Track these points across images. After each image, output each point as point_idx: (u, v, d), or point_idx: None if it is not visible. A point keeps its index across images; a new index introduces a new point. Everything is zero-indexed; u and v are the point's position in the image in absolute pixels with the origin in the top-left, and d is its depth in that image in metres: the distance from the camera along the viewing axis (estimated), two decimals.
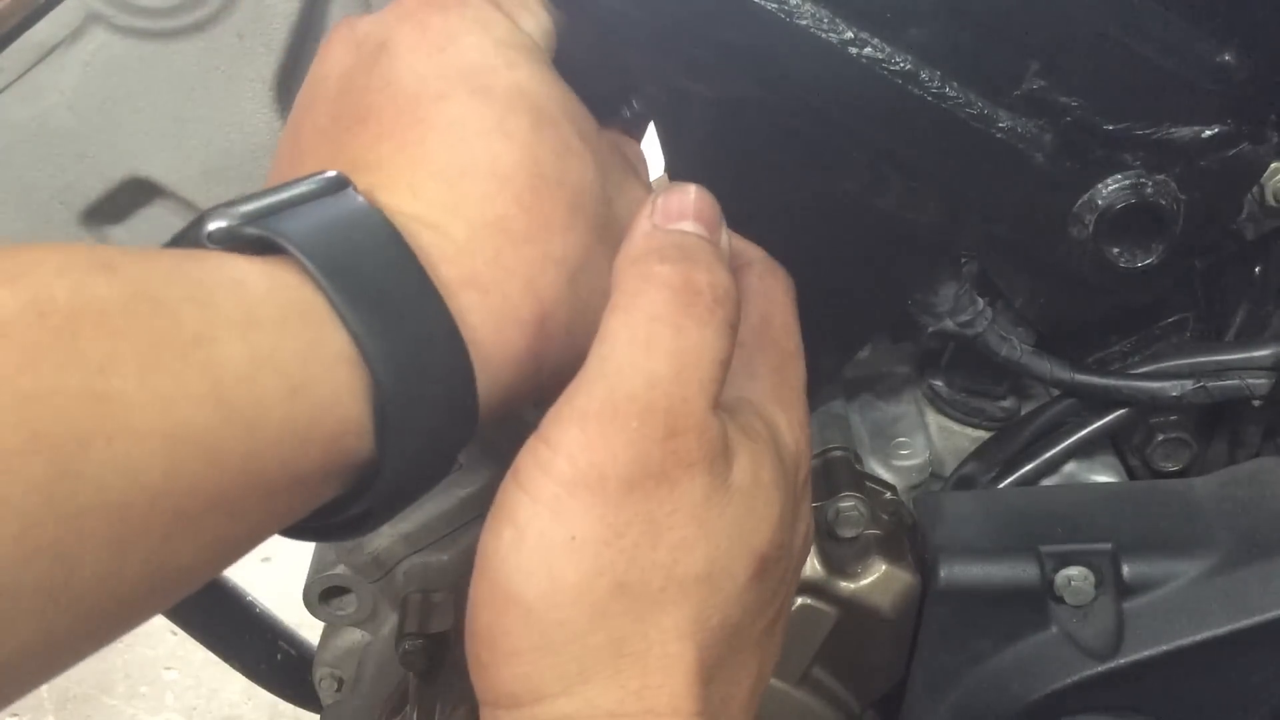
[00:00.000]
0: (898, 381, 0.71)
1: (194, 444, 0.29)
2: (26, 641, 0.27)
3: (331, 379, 0.33)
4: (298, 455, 0.32)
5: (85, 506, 0.27)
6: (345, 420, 0.33)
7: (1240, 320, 0.65)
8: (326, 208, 0.35)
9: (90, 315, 0.28)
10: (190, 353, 0.30)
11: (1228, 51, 0.53)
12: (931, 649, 0.59)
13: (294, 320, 0.32)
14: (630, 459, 0.35)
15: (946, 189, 0.55)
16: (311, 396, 0.32)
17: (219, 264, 0.33)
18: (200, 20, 0.53)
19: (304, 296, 0.33)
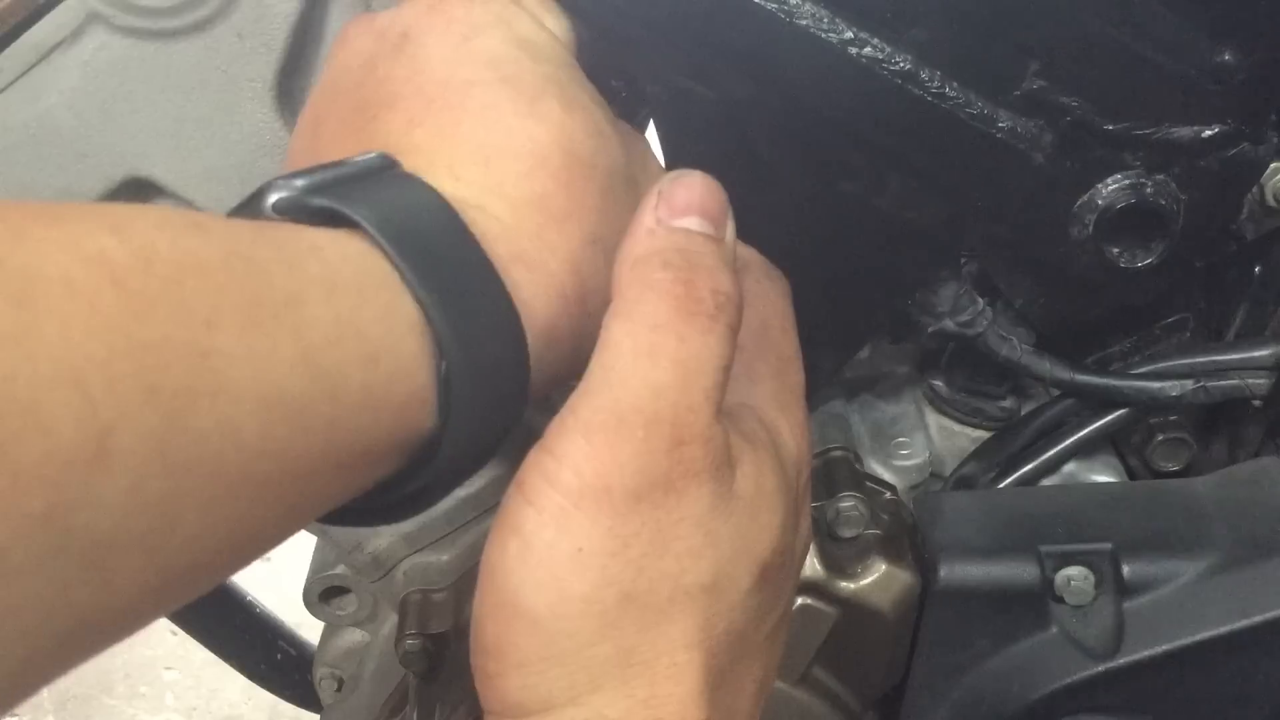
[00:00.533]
0: (898, 381, 0.71)
1: (284, 407, 0.29)
2: (122, 595, 0.27)
3: (403, 347, 0.33)
4: (372, 424, 0.32)
5: (189, 463, 0.27)
6: (414, 390, 0.33)
7: (1240, 320, 0.65)
8: (383, 183, 0.36)
9: (193, 269, 0.28)
10: (283, 313, 0.30)
11: (1228, 51, 0.53)
12: (931, 649, 0.59)
13: (370, 287, 0.32)
14: (636, 470, 0.35)
15: (946, 189, 0.55)
16: (387, 364, 0.32)
17: (295, 230, 0.33)
18: (200, 20, 0.53)
19: (374, 265, 0.33)
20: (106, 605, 0.27)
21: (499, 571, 0.36)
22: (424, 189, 0.36)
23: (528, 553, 0.35)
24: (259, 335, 0.29)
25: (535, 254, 0.38)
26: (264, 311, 0.29)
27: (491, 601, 0.36)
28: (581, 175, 0.40)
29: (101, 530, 0.25)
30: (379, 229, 0.33)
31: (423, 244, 0.34)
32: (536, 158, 0.39)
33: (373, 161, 0.37)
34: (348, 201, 0.34)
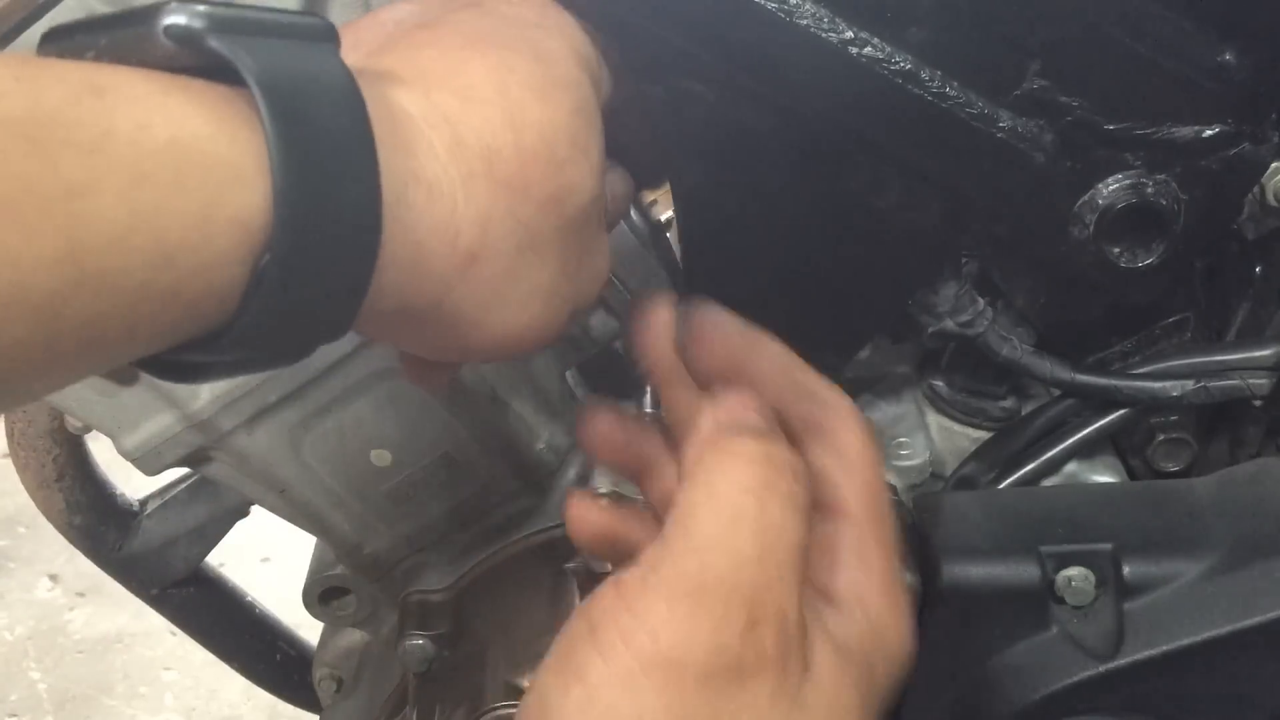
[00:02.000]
0: (898, 381, 0.71)
1: (28, 308, 0.27)
2: None
3: (214, 245, 0.30)
4: (149, 318, 0.30)
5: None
6: (215, 286, 0.31)
7: (1241, 320, 0.65)
8: (303, 51, 0.33)
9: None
10: (57, 207, 0.27)
11: (1228, 51, 0.53)
12: (932, 649, 0.59)
13: (192, 177, 0.29)
14: (711, 649, 0.35)
15: (947, 189, 0.55)
16: (186, 263, 0.29)
17: (126, 100, 0.29)
18: None
19: (214, 150, 0.30)
20: None
21: (555, 712, 0.35)
22: (342, 71, 0.33)
23: (590, 705, 0.35)
24: (13, 232, 0.26)
25: (449, 190, 0.36)
26: (32, 205, 0.26)
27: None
28: (545, 165, 0.39)
29: None
30: (262, 87, 0.30)
31: (303, 119, 0.31)
32: (515, 125, 0.38)
33: (306, 23, 0.33)
34: (243, 51, 0.30)
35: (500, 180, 0.38)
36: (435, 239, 0.36)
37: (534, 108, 0.39)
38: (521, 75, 0.39)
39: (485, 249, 0.37)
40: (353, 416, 0.67)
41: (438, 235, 0.36)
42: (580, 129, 0.41)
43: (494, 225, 0.38)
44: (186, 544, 0.84)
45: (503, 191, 0.38)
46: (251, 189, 0.30)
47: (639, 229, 0.57)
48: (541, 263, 0.40)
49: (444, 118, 0.37)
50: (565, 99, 0.40)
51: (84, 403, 0.64)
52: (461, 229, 0.37)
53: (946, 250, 0.60)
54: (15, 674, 1.83)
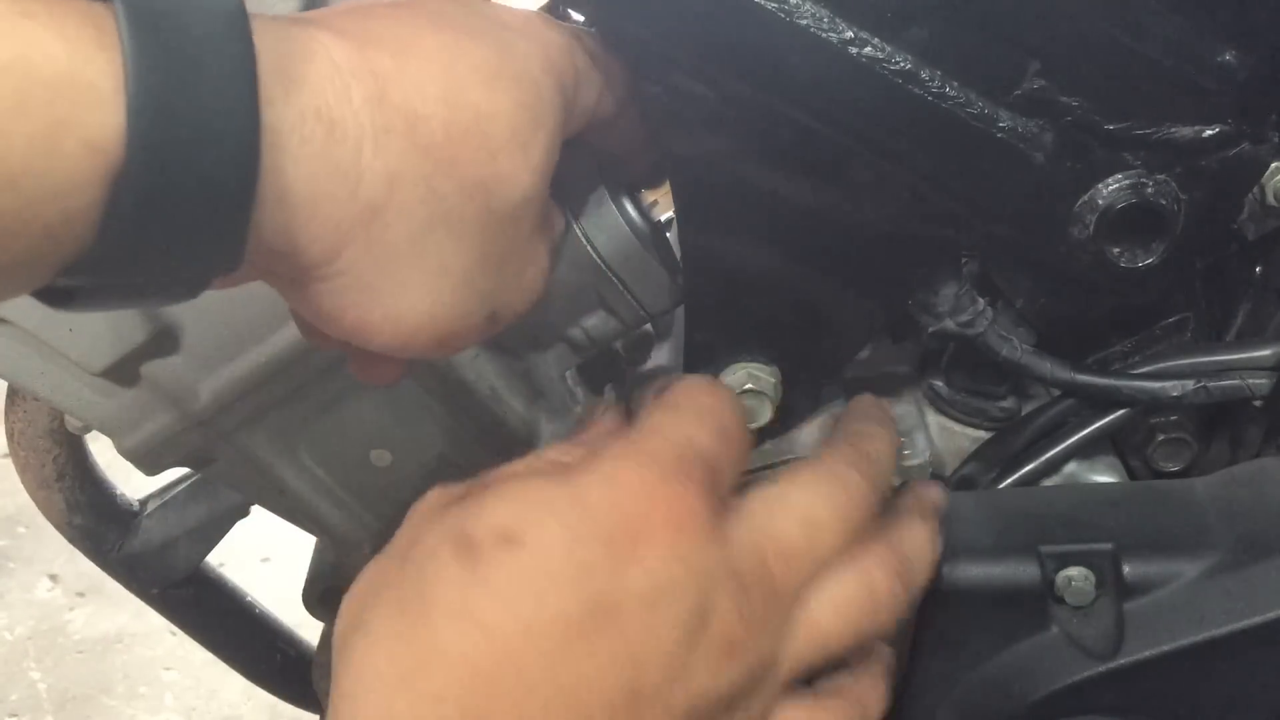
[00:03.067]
0: (898, 381, 0.71)
1: None
2: None
3: (64, 168, 0.29)
4: (23, 242, 0.29)
5: None
6: (69, 211, 0.30)
7: (1241, 320, 0.65)
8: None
9: None
10: None
11: (1228, 51, 0.53)
12: (931, 650, 0.59)
13: (40, 97, 0.28)
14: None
15: (946, 189, 0.55)
16: (32, 187, 0.28)
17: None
18: None
19: (70, 68, 0.29)
20: None
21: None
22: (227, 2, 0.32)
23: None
24: None
25: (355, 134, 0.35)
26: None
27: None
28: (473, 151, 0.38)
29: None
30: (130, 10, 0.29)
31: (172, 38, 0.30)
32: (450, 101, 0.37)
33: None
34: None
35: (421, 146, 0.37)
36: (332, 181, 0.35)
37: (476, 90, 0.38)
38: (474, 60, 0.38)
39: (389, 207, 0.36)
40: (353, 416, 0.67)
41: (335, 178, 0.35)
42: (524, 124, 0.40)
43: (403, 186, 0.36)
44: (186, 544, 0.84)
45: (421, 157, 0.37)
46: (106, 109, 0.29)
47: (639, 229, 0.57)
48: (456, 246, 0.39)
49: (371, 72, 0.36)
50: (513, 90, 0.39)
51: (84, 403, 0.64)
52: (364, 178, 0.35)
53: (946, 250, 0.60)
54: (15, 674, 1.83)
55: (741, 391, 0.61)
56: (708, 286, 0.57)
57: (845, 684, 0.44)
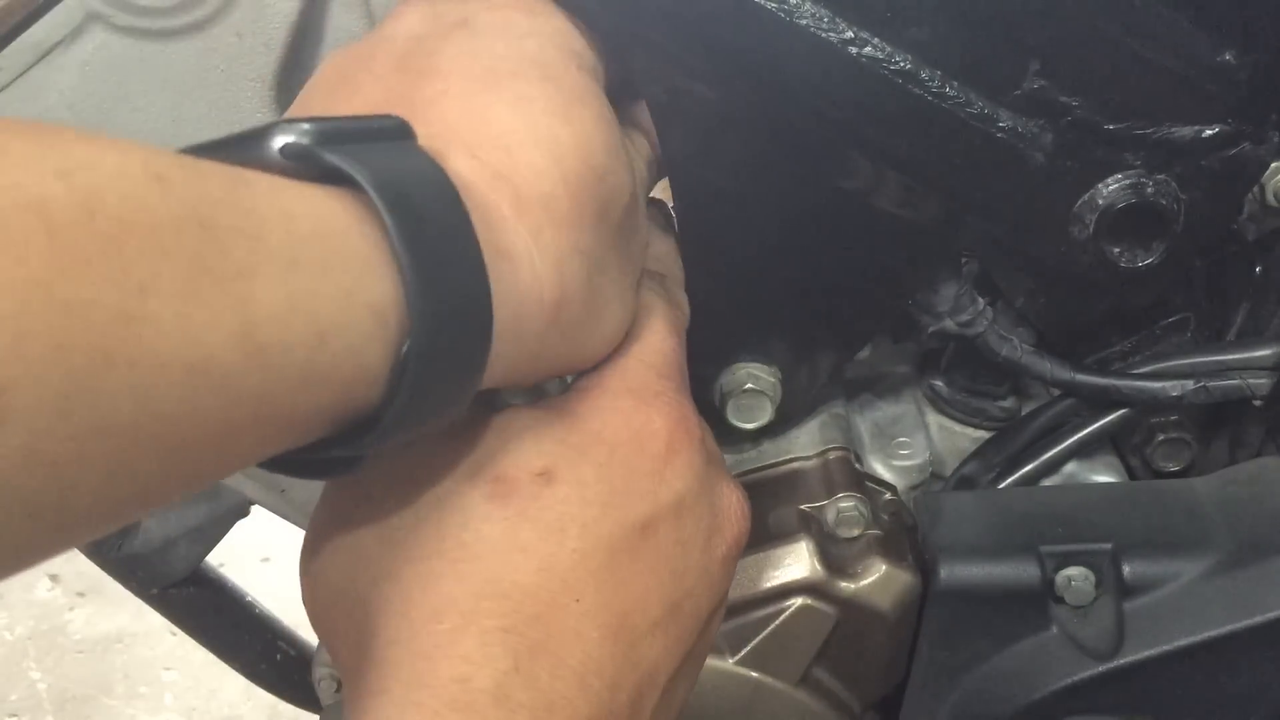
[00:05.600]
0: (898, 381, 0.71)
1: (213, 379, 0.28)
2: (7, 543, 0.26)
3: (360, 329, 0.32)
4: (310, 399, 0.31)
5: (95, 426, 0.26)
6: (363, 369, 0.32)
7: (1241, 320, 0.65)
8: (396, 151, 0.35)
9: (140, 229, 0.27)
10: (230, 287, 0.28)
11: (1228, 51, 0.53)
12: (931, 649, 0.59)
13: (335, 265, 0.31)
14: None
15: (946, 189, 0.55)
16: (336, 344, 0.31)
17: (271, 192, 0.31)
18: (199, 20, 0.53)
19: (349, 241, 0.32)
20: (6, 554, 0.26)
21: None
22: (433, 166, 0.35)
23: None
24: (197, 306, 0.27)
25: (525, 252, 0.38)
26: (209, 282, 0.28)
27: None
28: (590, 186, 0.40)
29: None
30: (382, 199, 0.32)
31: (420, 221, 0.33)
32: (554, 156, 0.40)
33: (388, 124, 0.36)
34: (356, 163, 0.33)
35: (559, 221, 0.39)
36: (525, 304, 0.38)
37: (564, 132, 0.40)
38: (541, 103, 0.40)
39: (565, 293, 0.39)
40: None
41: (527, 299, 0.38)
42: (607, 134, 0.42)
43: (566, 266, 0.39)
44: (186, 544, 0.83)
45: (564, 230, 0.39)
46: (382, 279, 0.32)
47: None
48: (608, 270, 0.42)
49: (496, 175, 0.38)
50: (585, 112, 0.41)
51: None
52: (544, 286, 0.38)
53: (946, 250, 0.60)
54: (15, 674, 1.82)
55: (741, 391, 0.61)
56: (708, 286, 0.57)
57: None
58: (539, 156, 0.39)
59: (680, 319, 0.48)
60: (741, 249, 0.58)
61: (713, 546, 0.42)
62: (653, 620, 0.39)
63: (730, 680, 0.61)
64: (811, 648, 0.61)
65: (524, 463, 0.39)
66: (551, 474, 0.39)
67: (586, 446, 0.40)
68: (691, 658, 0.42)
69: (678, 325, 0.47)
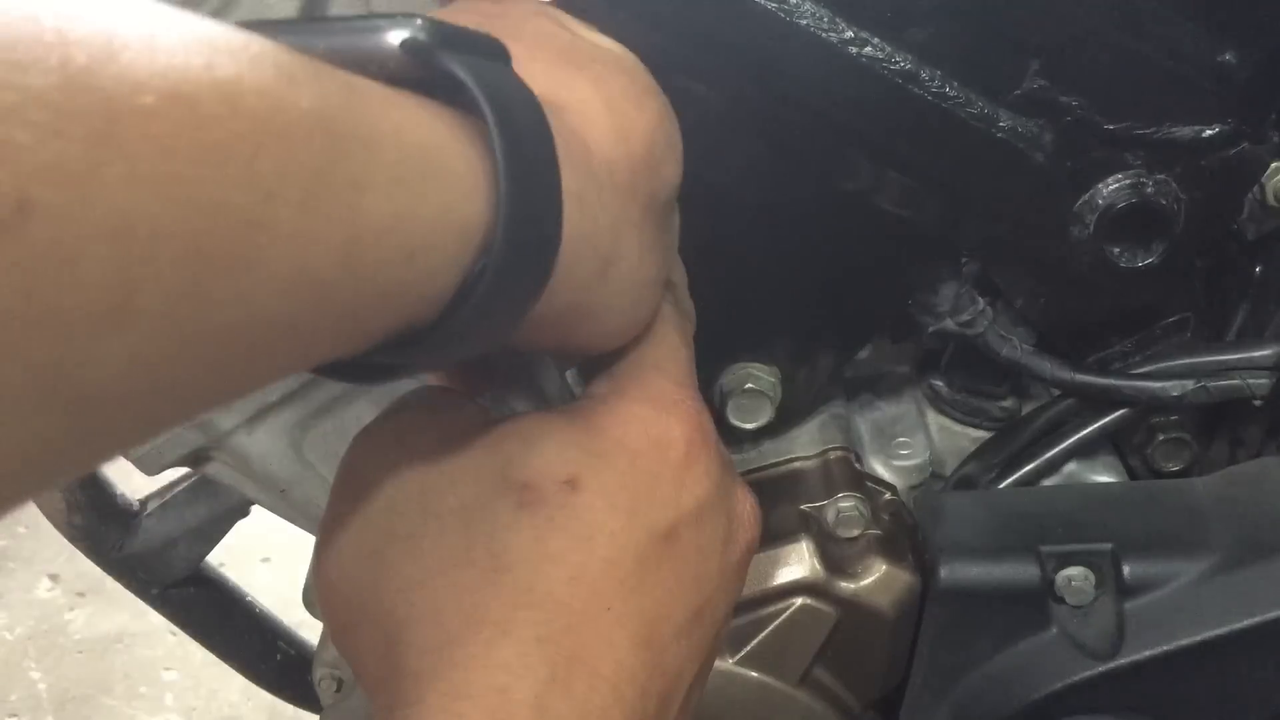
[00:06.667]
0: (898, 381, 0.71)
1: (311, 289, 0.28)
2: (103, 445, 0.26)
3: (444, 248, 0.32)
4: (386, 315, 0.31)
5: (201, 329, 0.25)
6: (439, 288, 0.32)
7: (1241, 320, 0.65)
8: (500, 72, 0.34)
9: (273, 130, 0.26)
10: (342, 196, 0.28)
11: (1228, 51, 0.53)
12: (931, 649, 0.59)
13: (433, 183, 0.31)
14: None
15: (947, 189, 0.55)
16: (424, 263, 0.31)
17: (383, 103, 0.31)
18: None
19: (446, 160, 0.32)
20: (85, 453, 0.26)
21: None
22: (530, 95, 0.35)
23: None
24: (313, 216, 0.27)
25: (592, 201, 0.38)
26: (325, 192, 0.27)
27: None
28: (647, 171, 0.42)
29: (98, 385, 0.24)
30: (494, 115, 0.32)
31: (521, 144, 0.33)
32: (623, 134, 0.41)
33: (496, 46, 0.35)
34: (471, 71, 0.32)
35: (619, 189, 0.40)
36: (584, 248, 0.38)
37: (635, 117, 0.41)
38: (618, 88, 0.42)
39: (616, 254, 0.40)
40: (353, 416, 0.67)
41: (585, 244, 0.38)
42: (670, 128, 0.44)
43: (621, 232, 0.40)
44: (186, 544, 0.83)
45: (622, 199, 0.40)
46: (475, 200, 0.32)
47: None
48: (651, 256, 0.42)
49: (573, 132, 0.39)
50: (655, 104, 0.43)
51: None
52: (602, 238, 0.39)
53: (946, 250, 0.60)
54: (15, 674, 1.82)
55: (741, 391, 0.61)
56: (708, 286, 0.57)
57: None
58: (611, 131, 0.40)
59: (690, 327, 0.49)
60: (741, 249, 0.58)
61: (729, 551, 0.43)
62: (677, 627, 0.39)
63: (731, 680, 0.61)
64: (812, 648, 0.61)
65: (549, 471, 0.39)
66: (577, 482, 0.39)
67: (609, 454, 0.40)
68: (709, 660, 0.43)
69: (689, 333, 0.48)
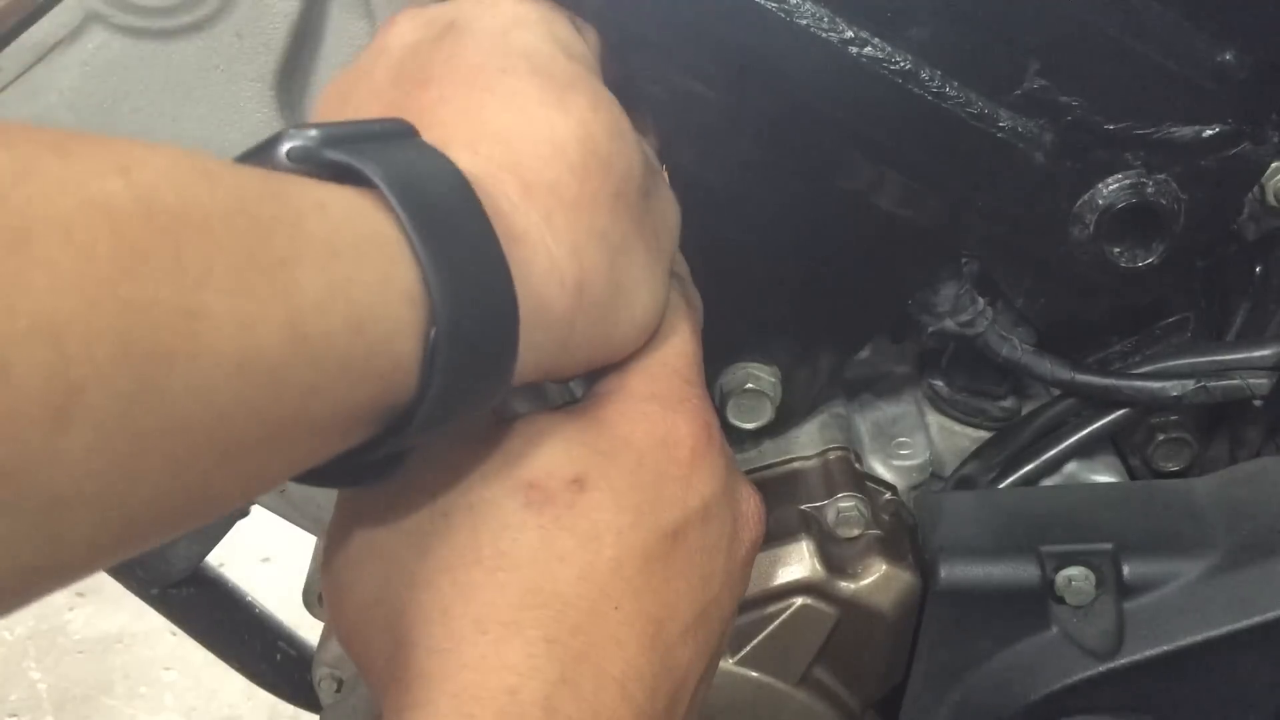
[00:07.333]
0: (898, 381, 0.71)
1: (263, 372, 0.28)
2: (75, 548, 0.26)
3: (394, 315, 0.32)
4: (351, 391, 0.31)
5: (157, 425, 0.26)
6: (399, 357, 0.32)
7: (1241, 320, 0.65)
8: (401, 147, 0.35)
9: (194, 223, 0.27)
10: (276, 276, 0.29)
11: (1228, 51, 0.53)
12: (931, 649, 0.59)
13: (369, 252, 0.32)
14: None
15: (947, 189, 0.55)
16: (374, 332, 0.31)
17: (301, 185, 0.32)
18: (199, 20, 0.53)
19: (376, 228, 0.32)
20: (53, 561, 0.26)
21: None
22: (439, 157, 0.36)
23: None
24: (248, 298, 0.28)
25: (539, 236, 0.38)
26: (257, 272, 0.28)
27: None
28: (597, 171, 0.40)
29: (57, 489, 0.24)
30: (390, 187, 0.33)
31: (431, 208, 0.33)
32: (555, 145, 0.40)
33: (392, 125, 0.36)
34: (361, 158, 0.33)
35: (570, 204, 0.39)
36: (546, 285, 0.38)
37: (562, 122, 0.40)
38: (534, 94, 0.41)
39: (586, 274, 0.39)
40: None
41: (547, 282, 0.38)
42: (606, 117, 0.42)
43: (584, 249, 0.39)
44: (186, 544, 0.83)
45: (576, 214, 0.39)
46: (411, 266, 0.32)
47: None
48: (631, 254, 0.41)
49: (500, 167, 0.39)
50: (580, 99, 0.41)
51: None
52: (563, 267, 0.38)
53: (946, 250, 0.60)
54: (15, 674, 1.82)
55: (741, 391, 0.61)
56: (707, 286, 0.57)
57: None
58: (539, 146, 0.39)
59: (698, 319, 0.48)
60: (742, 249, 0.58)
61: (735, 550, 0.43)
62: (684, 626, 0.39)
63: (731, 680, 0.61)
64: (812, 648, 0.61)
65: (556, 469, 0.39)
66: (584, 481, 0.39)
67: (616, 453, 0.40)
68: (714, 659, 0.43)
69: (696, 326, 0.47)
